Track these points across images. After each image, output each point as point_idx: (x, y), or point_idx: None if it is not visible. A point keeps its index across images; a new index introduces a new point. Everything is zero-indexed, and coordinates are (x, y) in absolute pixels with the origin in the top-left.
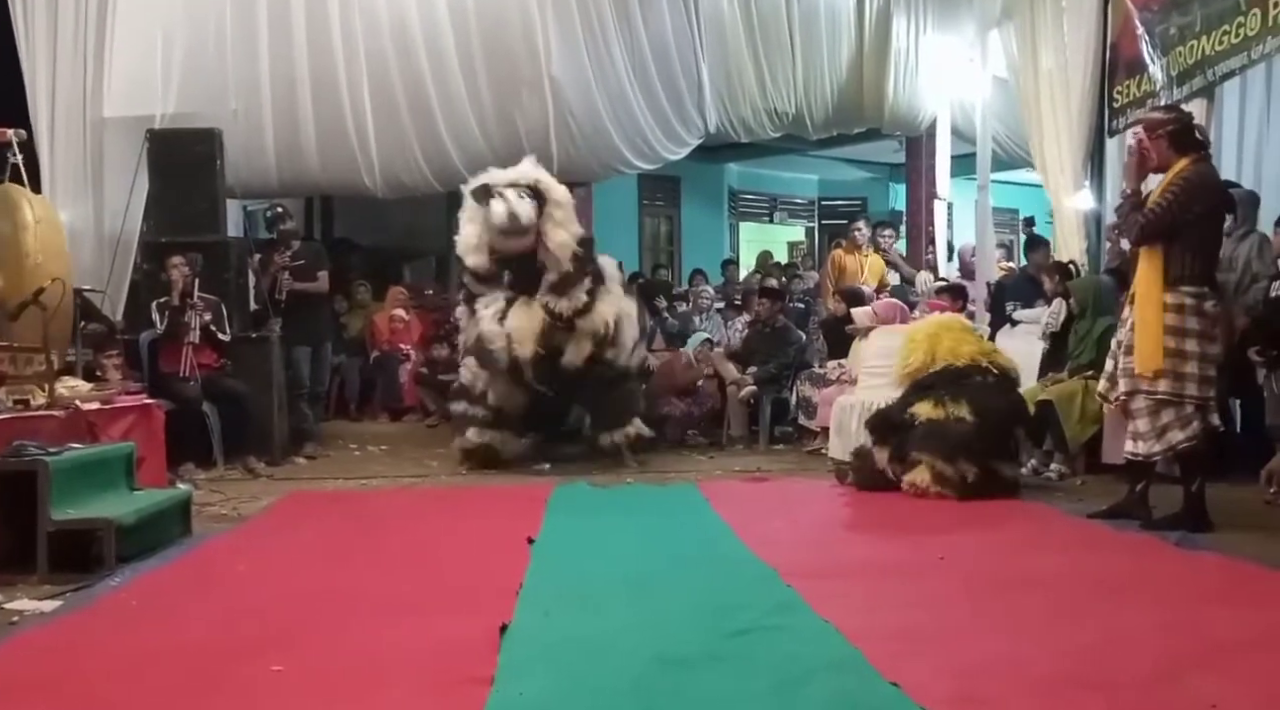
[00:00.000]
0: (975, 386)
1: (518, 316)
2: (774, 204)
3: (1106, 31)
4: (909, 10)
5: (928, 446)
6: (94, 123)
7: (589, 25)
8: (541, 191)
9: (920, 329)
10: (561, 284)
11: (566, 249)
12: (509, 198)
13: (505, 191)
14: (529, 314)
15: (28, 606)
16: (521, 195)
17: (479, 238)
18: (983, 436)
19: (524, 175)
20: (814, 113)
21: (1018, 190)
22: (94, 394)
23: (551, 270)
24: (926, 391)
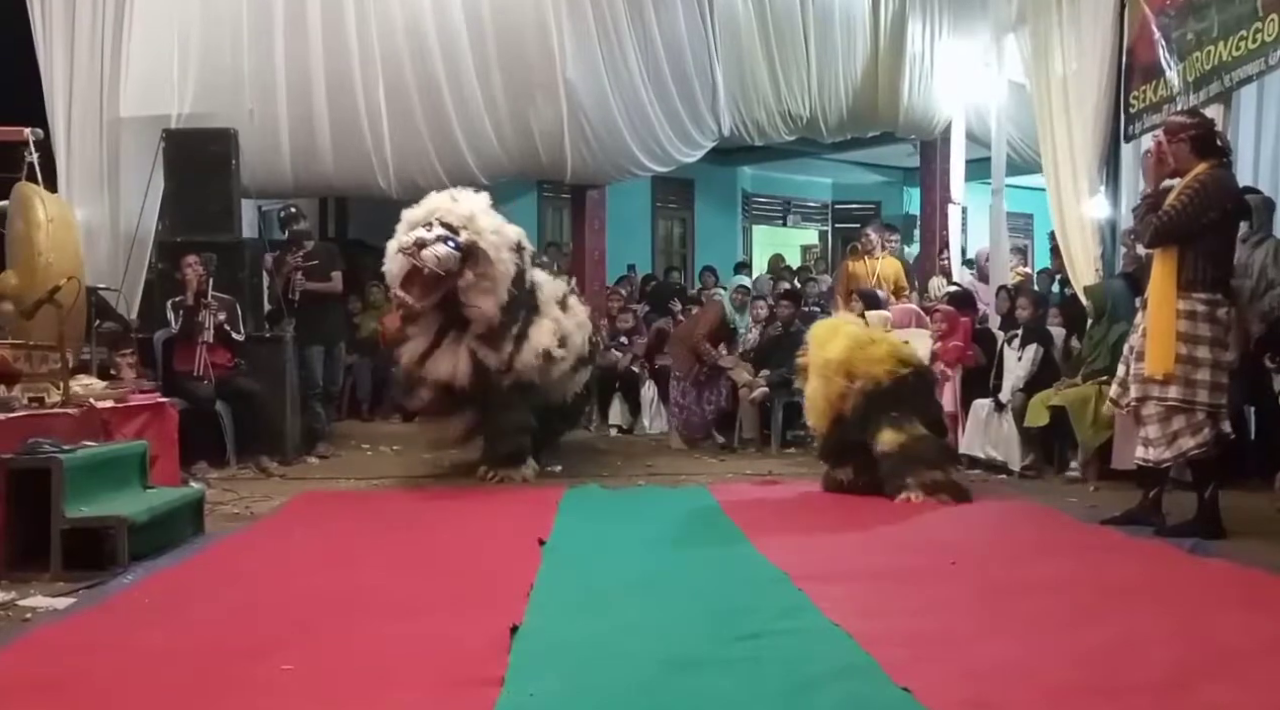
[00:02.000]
0: (910, 398)
1: (440, 362)
2: (787, 207)
3: (1123, 36)
4: (924, 14)
5: (912, 470)
6: (110, 122)
7: (603, 28)
8: (479, 252)
9: (830, 359)
10: (487, 337)
11: (490, 314)
12: (428, 235)
13: (435, 228)
14: (454, 357)
15: (41, 604)
16: (446, 241)
17: (398, 268)
18: (940, 440)
19: (464, 221)
20: (828, 116)
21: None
22: (108, 392)
23: (477, 325)
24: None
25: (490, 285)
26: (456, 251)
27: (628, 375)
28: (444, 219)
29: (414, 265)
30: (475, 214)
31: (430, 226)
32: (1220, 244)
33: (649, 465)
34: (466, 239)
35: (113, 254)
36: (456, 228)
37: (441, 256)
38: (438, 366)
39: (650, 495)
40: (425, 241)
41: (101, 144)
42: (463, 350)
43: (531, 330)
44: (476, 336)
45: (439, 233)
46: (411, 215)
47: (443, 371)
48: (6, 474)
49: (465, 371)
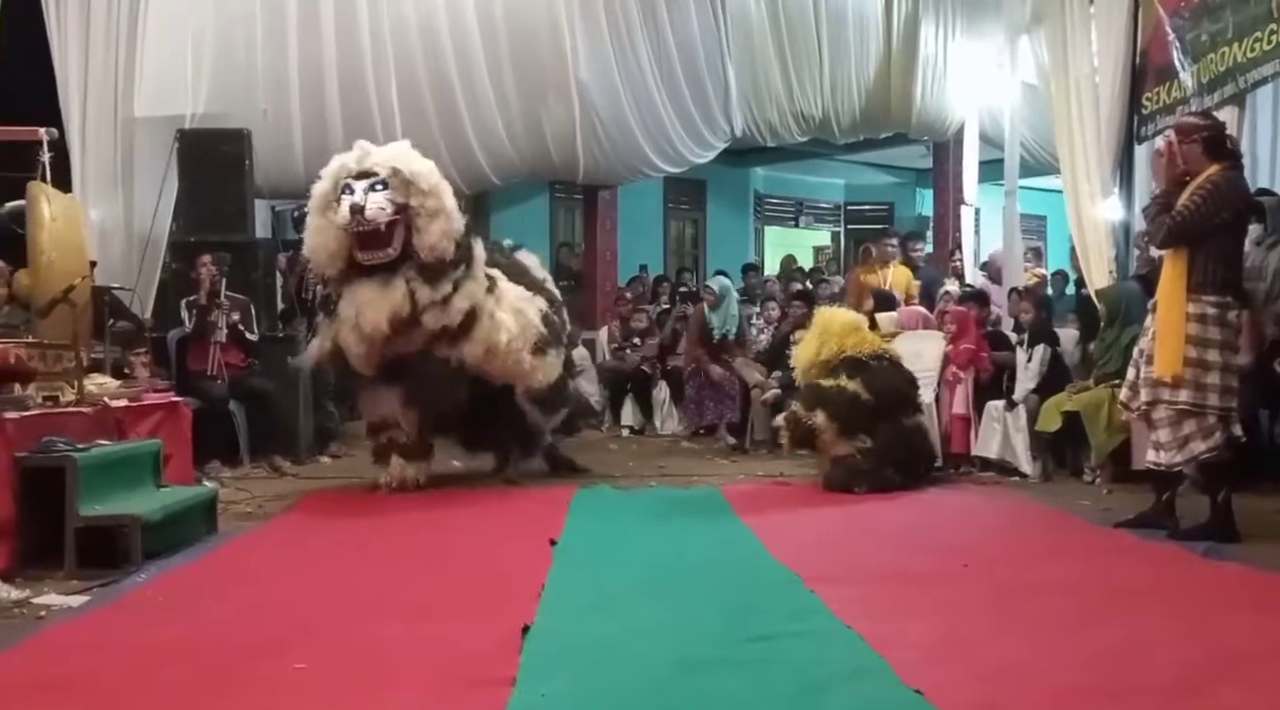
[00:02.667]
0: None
1: (366, 291)
2: (799, 208)
3: (1137, 37)
4: (937, 15)
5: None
6: (125, 122)
7: (616, 29)
8: (406, 180)
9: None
10: (425, 271)
11: (447, 240)
12: (357, 192)
13: (355, 185)
14: (382, 291)
15: (55, 602)
16: (375, 187)
17: (335, 243)
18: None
19: (381, 161)
20: (841, 117)
21: (1045, 196)
22: (122, 391)
23: (427, 255)
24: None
25: (436, 206)
26: (387, 189)
27: (640, 376)
28: (356, 172)
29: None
30: (389, 152)
31: (349, 189)
32: (1231, 246)
33: (660, 466)
34: (385, 172)
35: (127, 253)
36: (371, 171)
37: (381, 206)
38: (371, 310)
39: (662, 496)
40: (360, 204)
41: (116, 144)
42: (398, 283)
43: (461, 289)
44: (417, 268)
45: (362, 187)
46: (320, 189)
47: (372, 314)
48: (21, 472)
49: (402, 305)
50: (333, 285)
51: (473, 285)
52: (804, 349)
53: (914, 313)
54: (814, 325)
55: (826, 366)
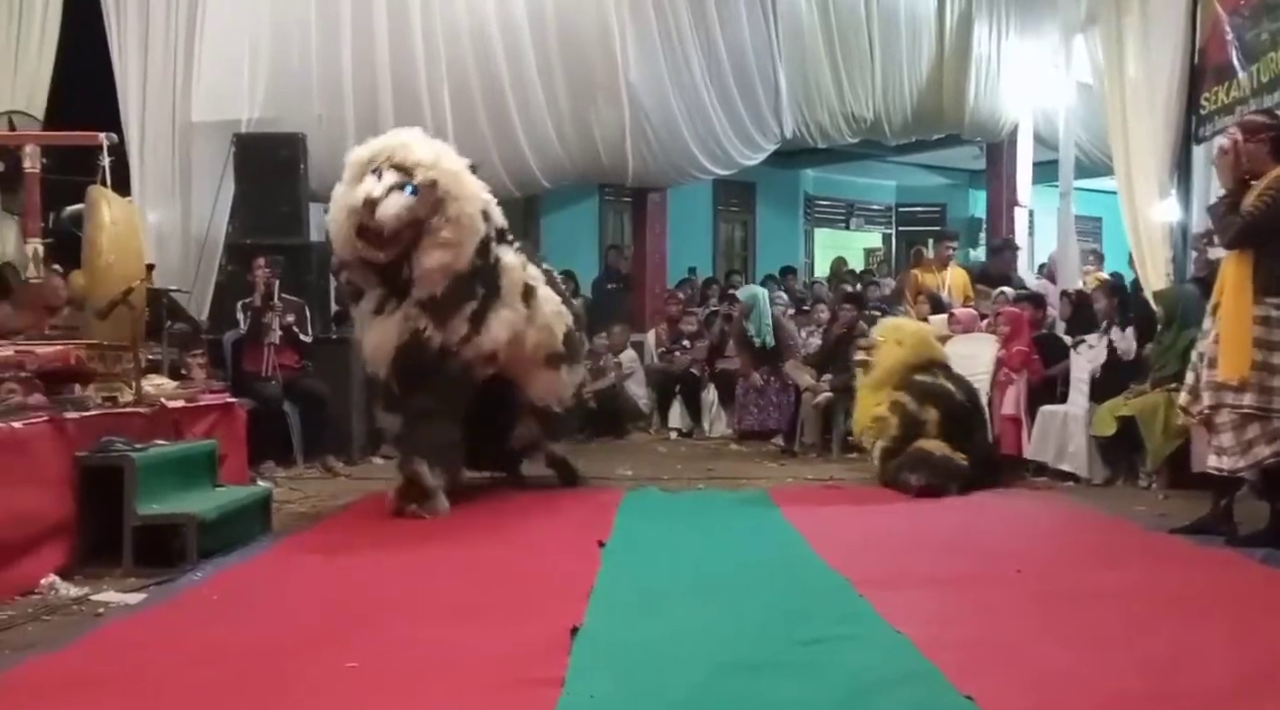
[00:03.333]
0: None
1: (376, 331)
2: (850, 210)
3: (1194, 37)
4: (991, 15)
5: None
6: (182, 127)
7: (666, 31)
8: (439, 199)
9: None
10: (435, 305)
11: (441, 275)
12: (381, 183)
13: (386, 174)
14: (385, 330)
15: (113, 599)
16: (405, 187)
17: (344, 222)
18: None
19: (425, 163)
20: (892, 118)
21: (1100, 198)
22: (179, 392)
23: (418, 289)
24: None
25: (453, 237)
26: (414, 196)
27: (688, 378)
28: (396, 160)
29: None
30: (438, 154)
31: (379, 173)
32: None
33: (709, 469)
34: (425, 178)
35: (184, 256)
36: (411, 169)
37: (396, 213)
38: (371, 340)
39: (710, 499)
40: (374, 198)
41: (174, 148)
42: (395, 321)
43: (490, 317)
44: (418, 303)
45: (390, 181)
46: (356, 157)
47: (367, 348)
48: (80, 471)
49: (389, 348)
50: (350, 273)
51: (509, 314)
52: (888, 352)
53: (971, 315)
54: (887, 330)
55: (914, 369)
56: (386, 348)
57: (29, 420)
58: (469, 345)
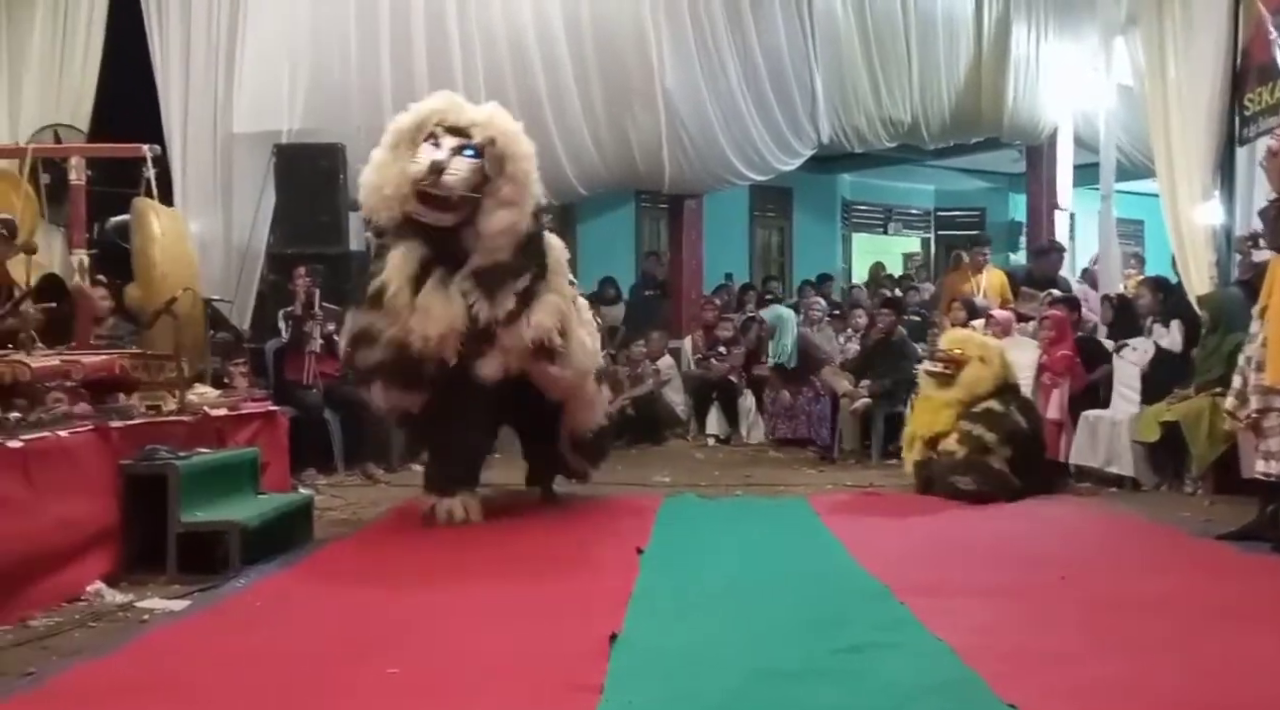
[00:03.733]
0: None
1: (431, 300)
2: (889, 215)
3: (1237, 37)
4: (1029, 17)
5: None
6: (224, 138)
7: (702, 37)
8: (499, 156)
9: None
10: (489, 275)
11: (506, 237)
12: (443, 148)
13: (444, 139)
14: (446, 301)
15: (158, 606)
16: (465, 151)
17: (393, 188)
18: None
19: (481, 123)
20: (930, 122)
21: (1142, 200)
22: (222, 400)
23: (478, 255)
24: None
25: (514, 195)
26: (478, 159)
27: (725, 384)
28: (449, 122)
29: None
30: (490, 112)
31: (436, 139)
32: None
33: (747, 475)
34: (483, 138)
35: (226, 266)
36: (466, 130)
37: (464, 177)
38: (425, 317)
39: (748, 506)
40: (441, 164)
41: (215, 159)
42: (454, 294)
43: (536, 300)
44: (472, 275)
45: (451, 144)
46: (399, 124)
47: (432, 325)
48: (125, 480)
49: (447, 327)
50: (386, 236)
51: (554, 298)
52: (975, 371)
53: (1008, 317)
54: (968, 345)
55: (994, 391)
56: (443, 326)
57: (75, 429)
58: (512, 328)
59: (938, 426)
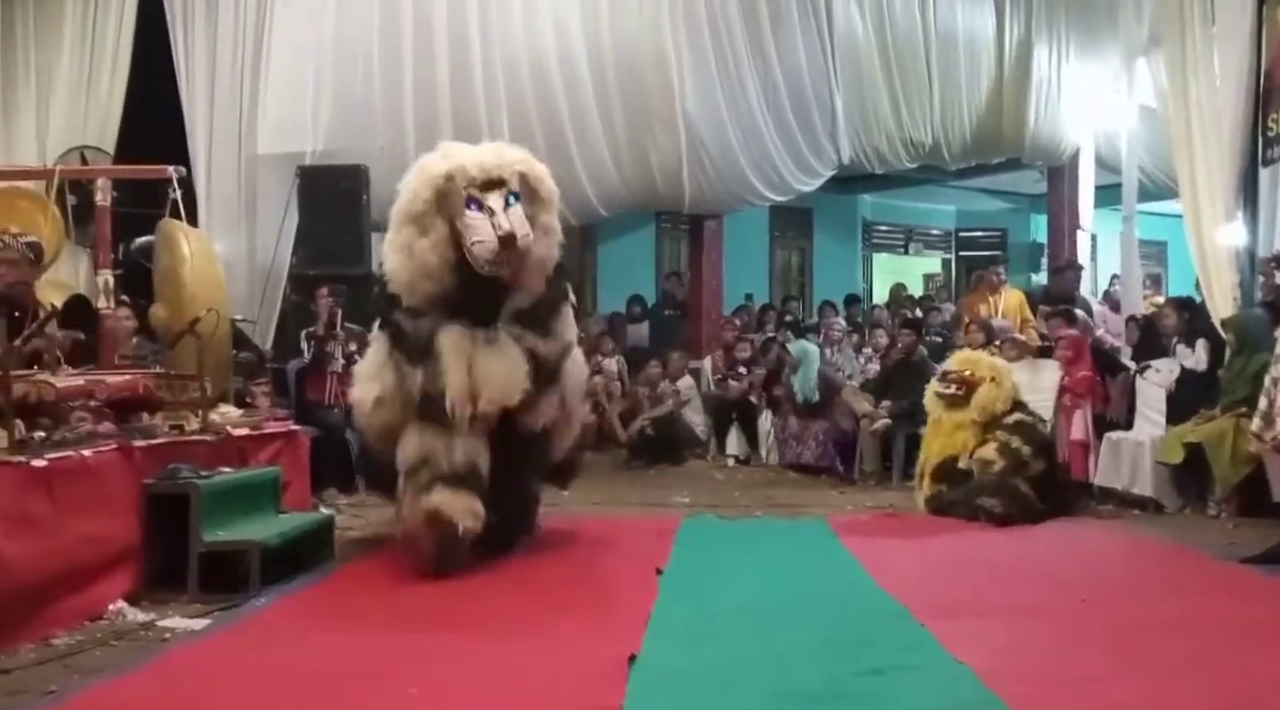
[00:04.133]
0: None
1: (489, 359)
2: (909, 235)
3: (1260, 58)
4: (1051, 38)
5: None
6: (248, 160)
7: (722, 58)
8: (532, 187)
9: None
10: (534, 313)
11: (544, 269)
12: (497, 211)
13: (489, 200)
14: (500, 355)
15: (179, 625)
16: (509, 200)
17: (439, 263)
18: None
19: (507, 166)
20: (951, 142)
21: (1165, 221)
22: (244, 420)
23: (520, 293)
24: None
25: (550, 221)
26: (520, 203)
27: (745, 405)
28: (481, 180)
29: (508, 231)
30: (502, 150)
31: (476, 204)
32: None
33: (767, 496)
34: (518, 178)
35: (249, 286)
36: (498, 179)
37: (529, 231)
38: (487, 379)
39: (768, 526)
40: (510, 233)
41: (240, 181)
42: (505, 341)
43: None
44: (515, 317)
45: (498, 202)
46: (416, 201)
47: (497, 387)
48: (148, 499)
49: (522, 375)
50: (422, 316)
51: (565, 329)
52: (988, 392)
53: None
54: (978, 366)
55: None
56: (511, 374)
57: (98, 448)
58: (568, 358)
59: (953, 449)
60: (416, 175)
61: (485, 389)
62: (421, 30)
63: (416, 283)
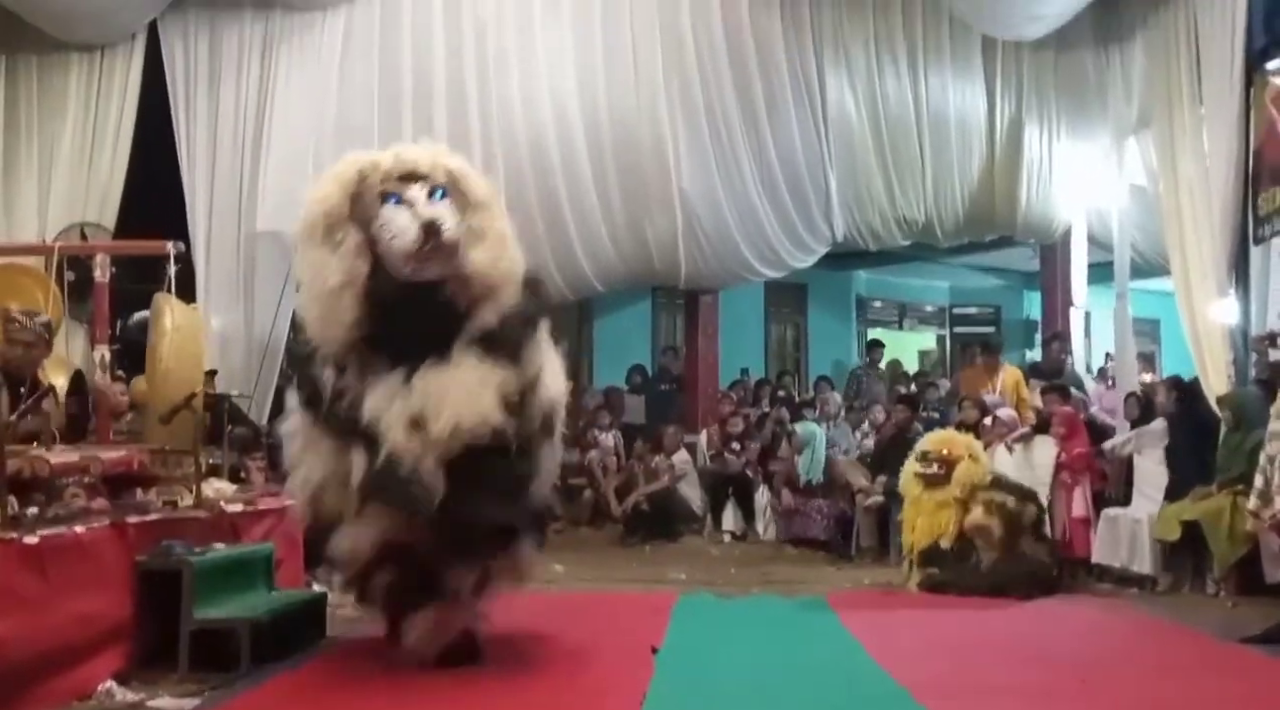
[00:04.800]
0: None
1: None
2: (903, 311)
3: (1249, 138)
4: (1041, 118)
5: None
6: (247, 236)
7: (718, 138)
8: (460, 187)
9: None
10: (500, 334)
11: (497, 276)
12: (418, 201)
13: (408, 192)
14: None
15: (169, 705)
16: (435, 194)
17: (354, 283)
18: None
19: (430, 159)
20: (944, 220)
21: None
22: (238, 496)
23: (477, 315)
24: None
25: (488, 228)
26: (447, 199)
27: (741, 480)
28: (396, 173)
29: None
30: (437, 151)
31: (394, 197)
32: None
33: (764, 573)
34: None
35: (246, 360)
36: (419, 172)
37: (455, 221)
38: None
39: (765, 604)
40: (436, 220)
41: (238, 256)
42: (466, 364)
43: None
44: (479, 339)
45: (419, 192)
46: (328, 205)
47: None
48: (140, 576)
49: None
50: (347, 371)
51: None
52: (967, 468)
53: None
54: (953, 444)
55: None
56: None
57: (91, 525)
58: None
59: (939, 529)
60: (322, 180)
61: (438, 411)
62: (420, 110)
63: (330, 318)
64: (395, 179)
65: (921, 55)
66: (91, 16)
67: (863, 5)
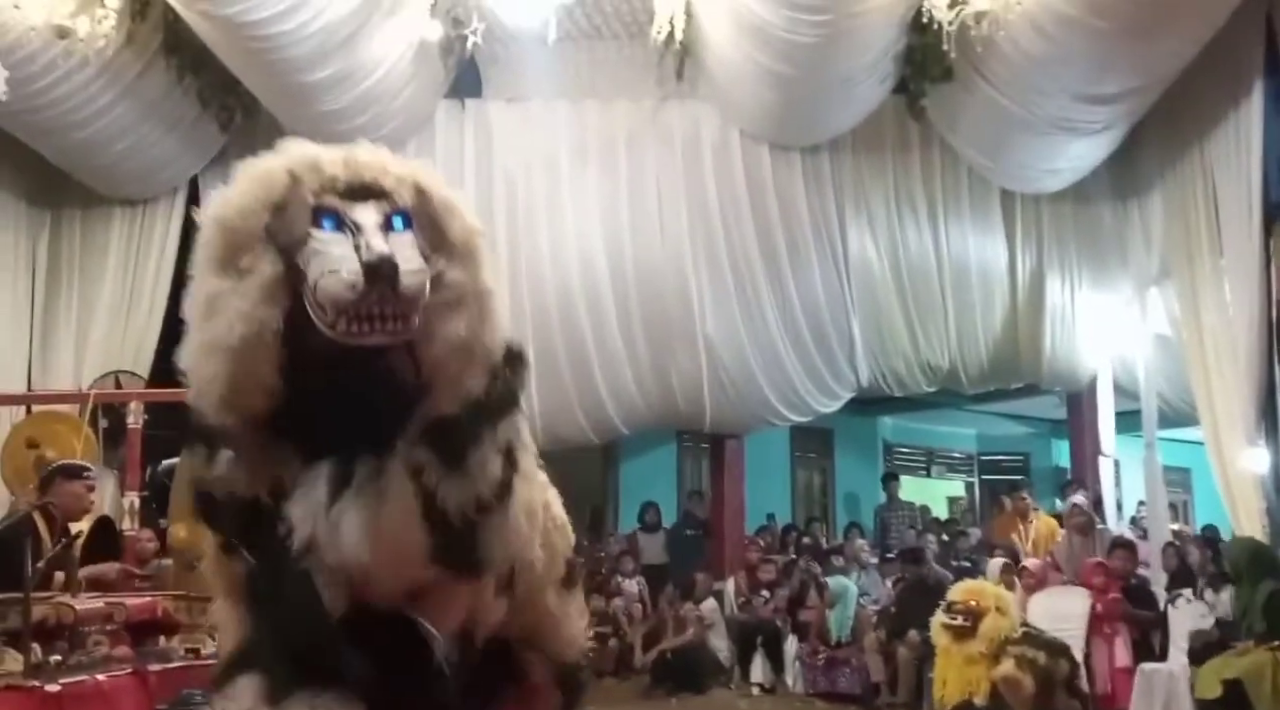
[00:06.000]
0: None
1: (349, 501)
2: (931, 458)
3: (1271, 287)
4: (1062, 269)
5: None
6: None
7: (741, 285)
8: (433, 214)
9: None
10: (454, 429)
11: (471, 358)
12: (366, 227)
13: (354, 212)
14: (368, 495)
15: None
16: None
17: (246, 333)
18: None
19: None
20: (968, 367)
21: (1188, 448)
22: None
23: (440, 390)
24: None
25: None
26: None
27: (770, 629)
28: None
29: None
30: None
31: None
32: None
33: None
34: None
35: None
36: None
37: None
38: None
39: None
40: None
41: None
42: (395, 475)
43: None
44: (426, 433)
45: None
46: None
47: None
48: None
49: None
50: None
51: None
52: (993, 622)
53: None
54: (984, 596)
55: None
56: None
57: (113, 673)
58: (498, 511)
59: (970, 685)
60: (238, 178)
61: (333, 540)
62: None
63: (226, 378)
64: (338, 192)
65: (941, 207)
66: (136, 173)
67: (882, 160)
